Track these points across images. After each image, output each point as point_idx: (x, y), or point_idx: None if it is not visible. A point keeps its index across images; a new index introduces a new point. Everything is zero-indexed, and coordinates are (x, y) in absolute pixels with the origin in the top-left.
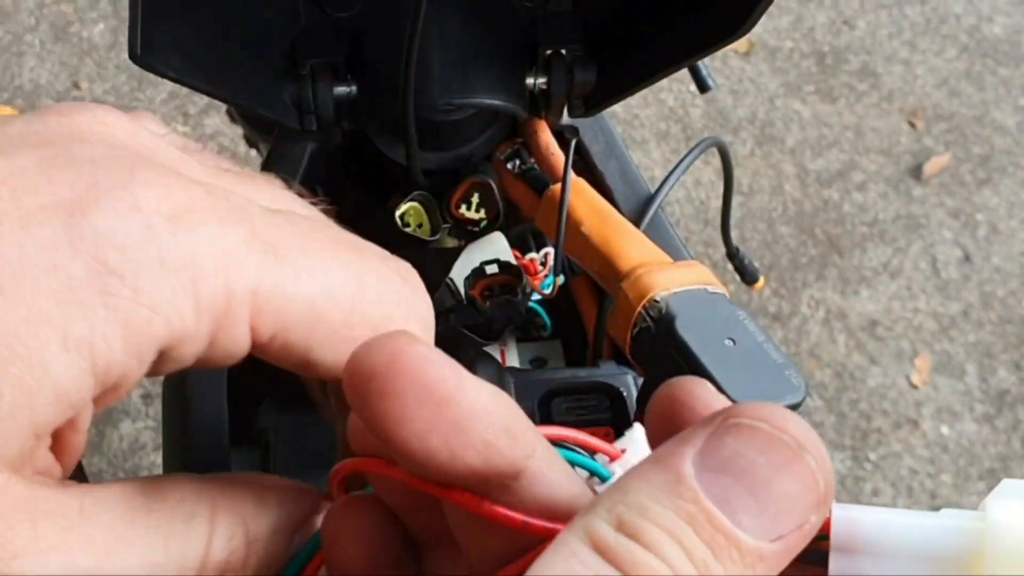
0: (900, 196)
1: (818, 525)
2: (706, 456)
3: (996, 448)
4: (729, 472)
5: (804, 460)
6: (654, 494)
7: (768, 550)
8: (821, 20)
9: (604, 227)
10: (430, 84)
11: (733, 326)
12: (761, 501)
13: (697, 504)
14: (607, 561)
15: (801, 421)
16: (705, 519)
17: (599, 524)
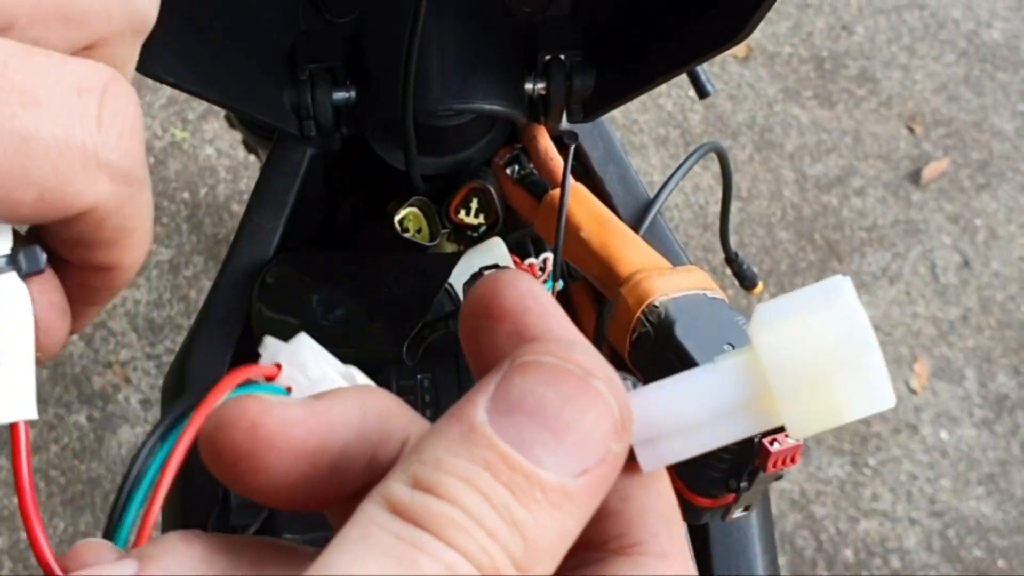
0: (899, 201)
1: (622, 454)
2: (498, 400)
3: (995, 453)
4: (521, 411)
5: (592, 386)
6: (449, 447)
7: (574, 486)
8: (820, 25)
9: (603, 232)
10: (429, 89)
11: (732, 331)
12: (557, 435)
13: (492, 449)
14: (406, 521)
15: (589, 348)
16: (501, 462)
17: (395, 486)
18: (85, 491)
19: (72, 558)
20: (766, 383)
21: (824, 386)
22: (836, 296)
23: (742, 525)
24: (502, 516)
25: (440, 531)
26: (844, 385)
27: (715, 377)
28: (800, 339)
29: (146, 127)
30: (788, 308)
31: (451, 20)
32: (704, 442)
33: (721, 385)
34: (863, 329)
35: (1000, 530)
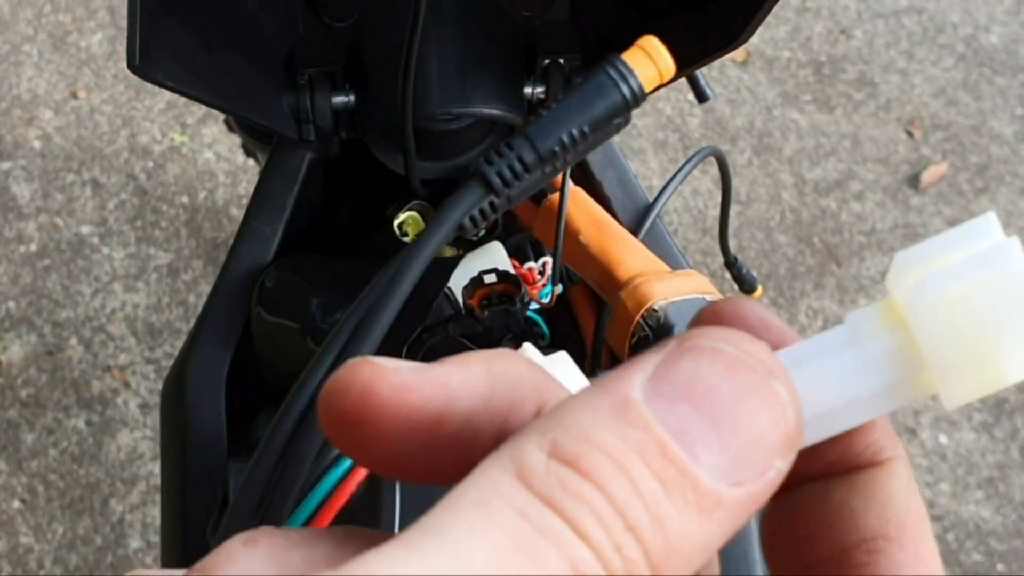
0: (898, 205)
1: (784, 472)
2: (660, 381)
3: (994, 457)
4: (686, 398)
5: (774, 388)
6: (598, 420)
7: (728, 496)
8: (818, 30)
9: (602, 236)
10: (428, 93)
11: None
12: (723, 436)
13: (648, 431)
14: (537, 496)
15: (771, 350)
16: (657, 449)
17: (530, 450)
18: (84, 495)
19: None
20: (921, 359)
21: (987, 354)
22: (997, 252)
23: (742, 529)
24: (649, 510)
25: (576, 519)
26: (1008, 349)
27: (862, 359)
28: (961, 307)
29: (145, 131)
30: (938, 265)
31: (450, 24)
32: (845, 424)
33: (870, 366)
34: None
35: (999, 534)
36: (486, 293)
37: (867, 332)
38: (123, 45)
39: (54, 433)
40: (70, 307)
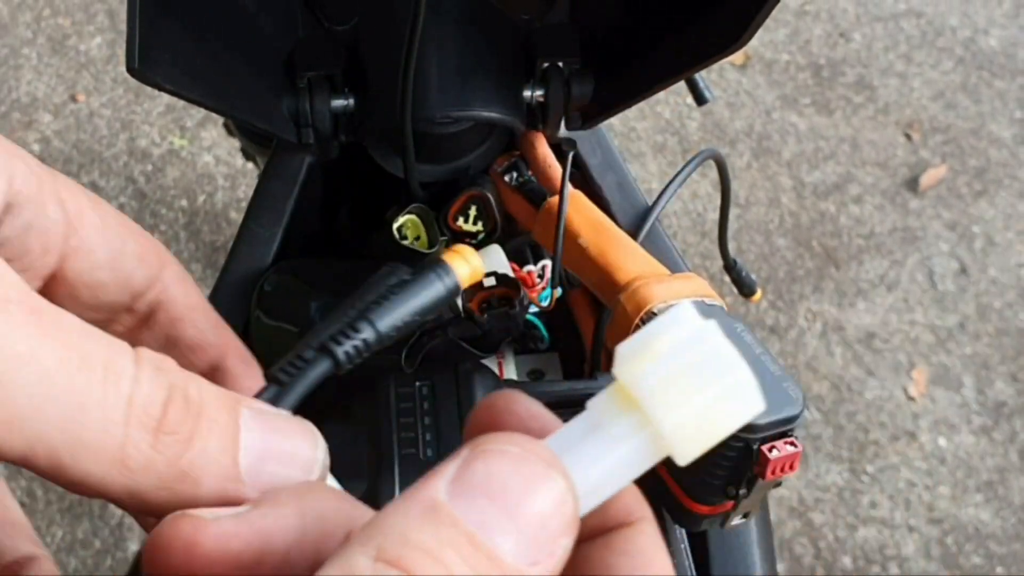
0: (896, 208)
1: (570, 547)
2: (460, 482)
3: (993, 460)
4: (484, 495)
5: (553, 478)
6: (412, 523)
7: (529, 573)
8: (817, 33)
9: (601, 239)
10: (428, 96)
11: (731, 338)
12: (518, 524)
13: (456, 527)
14: None
15: (548, 447)
16: (466, 541)
17: (357, 558)
18: (83, 499)
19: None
20: (654, 429)
21: (705, 416)
22: (697, 335)
23: (741, 532)
24: None
25: None
26: (720, 408)
27: (610, 439)
28: (677, 383)
29: (144, 135)
30: (653, 351)
31: (449, 27)
32: (608, 492)
33: (617, 444)
34: (719, 345)
35: (998, 537)
36: (486, 296)
37: (608, 416)
38: (122, 48)
39: None
40: None
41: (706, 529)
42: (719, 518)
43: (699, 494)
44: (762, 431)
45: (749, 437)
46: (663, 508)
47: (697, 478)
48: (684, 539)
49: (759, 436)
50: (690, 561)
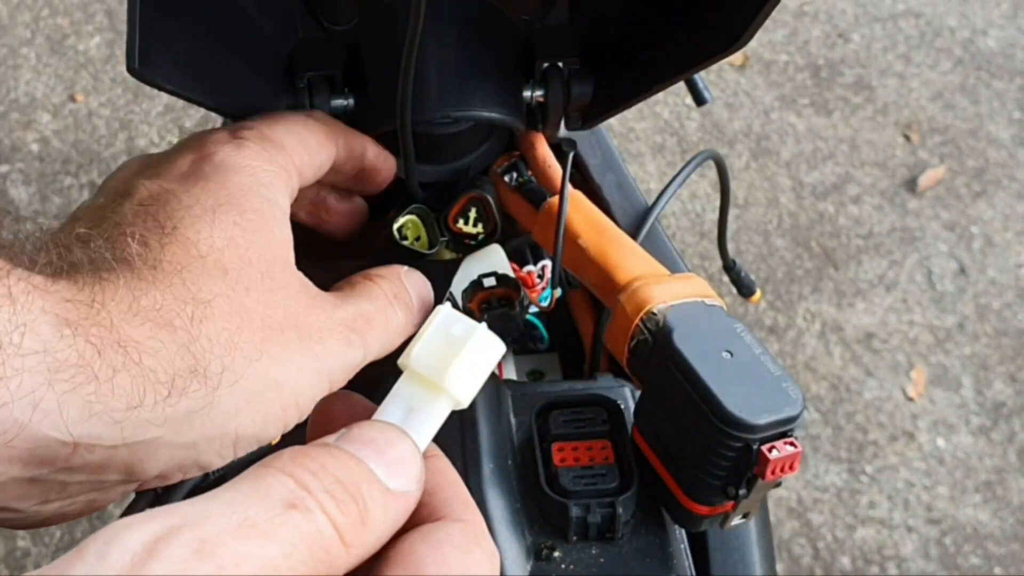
0: (895, 209)
1: (420, 485)
2: (342, 438)
3: (992, 460)
4: (360, 442)
5: (403, 436)
6: (310, 451)
7: (399, 495)
8: (816, 33)
9: (601, 240)
10: (427, 97)
11: (730, 338)
12: (385, 457)
13: (342, 454)
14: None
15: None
16: (352, 462)
17: (270, 477)
18: None
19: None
20: (440, 388)
21: (468, 364)
22: (434, 314)
23: (740, 533)
24: (357, 495)
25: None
26: (474, 354)
27: (422, 408)
28: (434, 354)
29: (143, 134)
30: (415, 339)
31: (449, 27)
32: (424, 445)
33: (426, 408)
34: (458, 319)
35: (997, 537)
36: (486, 297)
37: (412, 395)
38: (121, 48)
39: None
40: None
41: (706, 529)
42: (719, 518)
43: (699, 494)
44: (762, 431)
45: (749, 437)
46: (663, 508)
47: (697, 478)
48: (684, 539)
49: (759, 436)
50: (690, 561)
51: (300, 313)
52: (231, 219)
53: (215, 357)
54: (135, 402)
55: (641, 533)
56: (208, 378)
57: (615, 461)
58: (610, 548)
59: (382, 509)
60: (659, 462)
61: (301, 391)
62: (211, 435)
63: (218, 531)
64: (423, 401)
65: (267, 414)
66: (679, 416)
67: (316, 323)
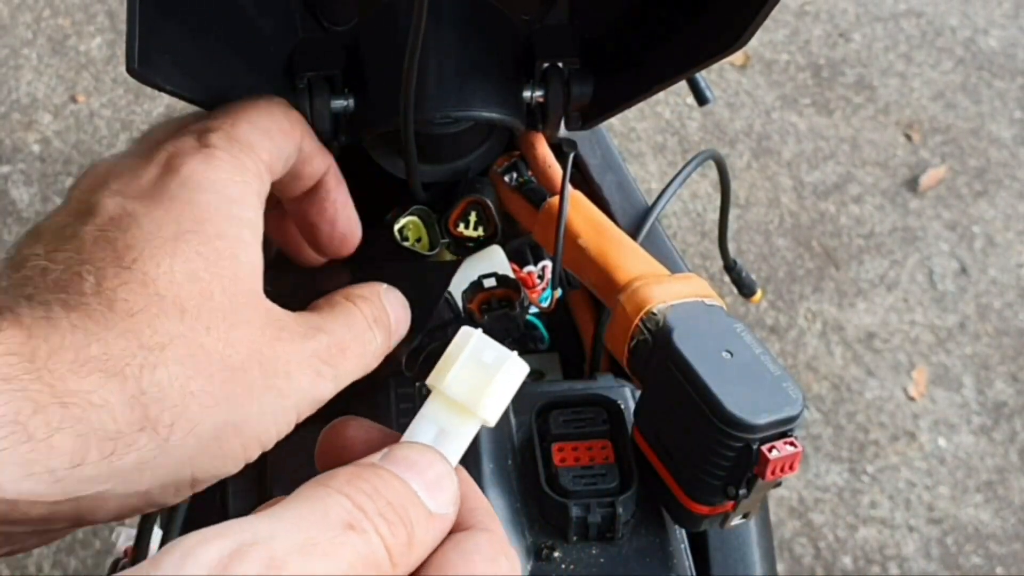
0: (896, 208)
1: (456, 506)
2: (385, 458)
3: (993, 460)
4: (403, 463)
5: (440, 458)
6: (359, 470)
7: (440, 517)
8: (817, 33)
9: (601, 240)
10: (427, 97)
11: (730, 338)
12: (425, 478)
13: (387, 474)
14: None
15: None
16: (397, 482)
17: (319, 489)
18: None
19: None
20: (468, 411)
21: (499, 389)
22: (465, 336)
23: (740, 532)
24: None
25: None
26: (504, 379)
27: (454, 428)
28: (468, 381)
29: None
30: (447, 362)
31: (450, 28)
32: (455, 462)
33: (458, 428)
34: (489, 345)
35: (998, 537)
36: (486, 297)
37: (443, 417)
38: (122, 49)
39: None
40: None
41: (706, 529)
42: (719, 518)
43: (699, 494)
44: (762, 431)
45: (749, 437)
46: (663, 508)
47: (697, 478)
48: (684, 539)
49: (759, 436)
50: (690, 561)
51: (265, 347)
52: (194, 249)
53: (166, 408)
54: (77, 460)
55: (641, 533)
56: (158, 430)
57: (615, 461)
58: (610, 548)
59: (425, 531)
60: (659, 462)
61: (264, 430)
62: (164, 482)
63: (285, 549)
64: (453, 423)
65: (225, 455)
66: (679, 416)
67: (283, 356)
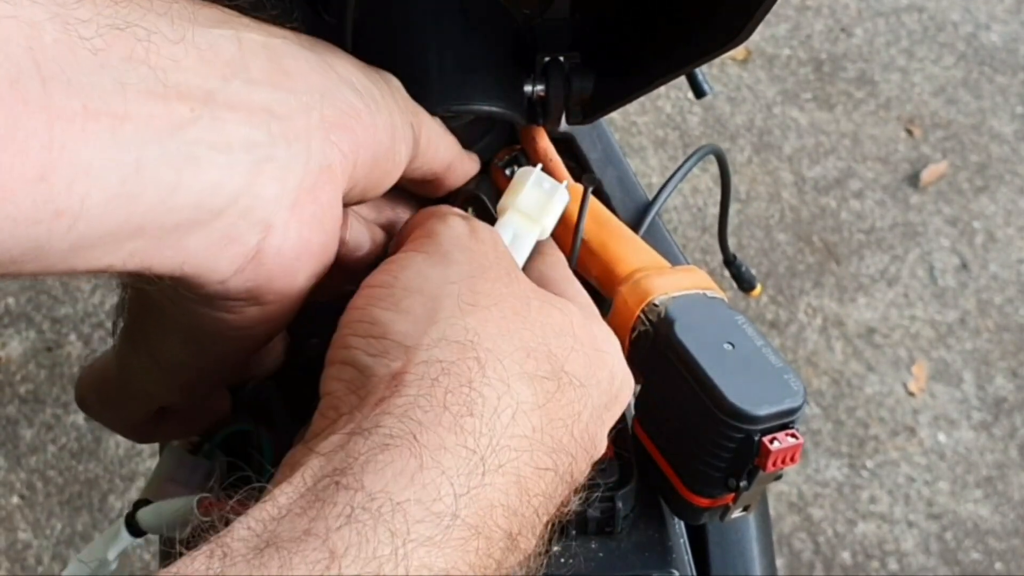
0: (897, 204)
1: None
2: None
3: (993, 456)
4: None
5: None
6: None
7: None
8: (819, 28)
9: (603, 232)
10: (428, 91)
11: (732, 330)
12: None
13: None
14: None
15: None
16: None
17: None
18: (83, 491)
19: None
20: (533, 219)
21: (551, 208)
22: (527, 174)
23: (740, 527)
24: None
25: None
26: (556, 205)
27: (524, 236)
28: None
29: None
30: (515, 190)
31: (450, 22)
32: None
33: (526, 235)
34: (538, 182)
35: (998, 533)
36: None
37: (517, 223)
38: None
39: (53, 429)
40: (69, 303)
41: (705, 523)
42: (719, 511)
43: (699, 486)
44: (763, 422)
45: (750, 428)
46: (663, 501)
47: (698, 470)
48: (683, 534)
49: (760, 427)
50: (689, 556)
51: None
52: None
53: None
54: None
55: (640, 528)
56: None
57: (614, 455)
58: (609, 542)
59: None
60: (660, 454)
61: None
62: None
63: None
64: (523, 229)
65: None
66: (680, 407)
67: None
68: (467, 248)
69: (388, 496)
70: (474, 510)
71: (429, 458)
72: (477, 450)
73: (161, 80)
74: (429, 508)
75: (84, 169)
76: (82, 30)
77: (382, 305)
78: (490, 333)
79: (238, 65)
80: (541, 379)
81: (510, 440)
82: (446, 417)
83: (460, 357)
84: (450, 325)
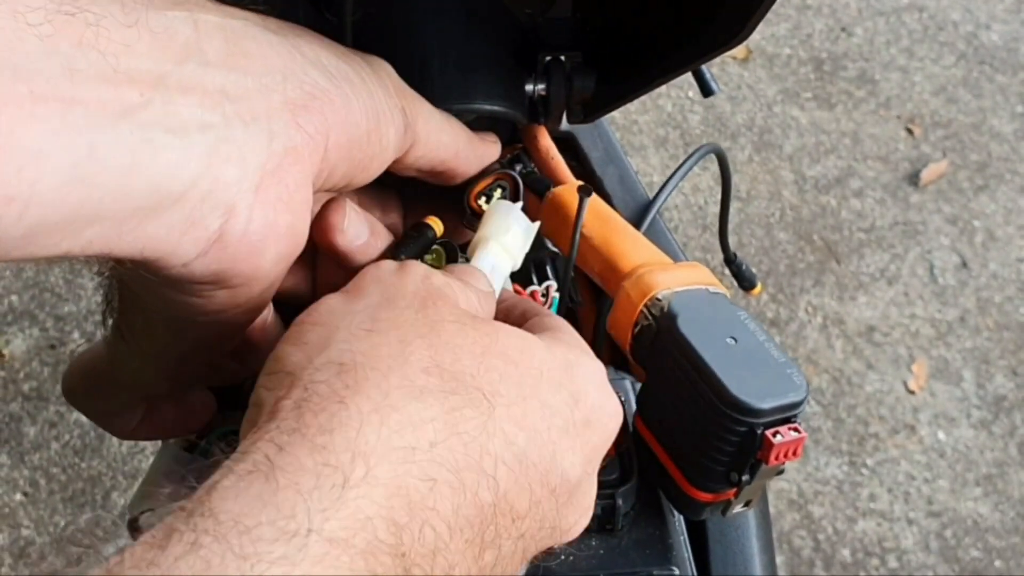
0: (897, 203)
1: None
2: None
3: (993, 454)
4: (463, 274)
5: (482, 274)
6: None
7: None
8: (819, 27)
9: (605, 229)
10: (430, 90)
11: (734, 325)
12: (475, 283)
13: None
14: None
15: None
16: (460, 282)
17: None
18: (86, 488)
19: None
20: (510, 253)
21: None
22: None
23: (740, 524)
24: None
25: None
26: (528, 239)
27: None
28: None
29: None
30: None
31: (452, 21)
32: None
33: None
34: (517, 218)
35: (997, 530)
36: None
37: (495, 256)
38: None
39: (56, 426)
40: (72, 301)
41: (707, 518)
42: (720, 506)
43: (701, 481)
44: (766, 416)
45: (753, 422)
46: (664, 496)
47: (700, 464)
48: (683, 531)
49: (763, 421)
50: (689, 553)
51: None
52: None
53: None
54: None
55: (641, 525)
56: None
57: (615, 453)
58: (610, 539)
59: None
60: (662, 449)
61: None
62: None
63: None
64: (501, 260)
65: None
66: (683, 402)
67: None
68: (382, 282)
69: (237, 521)
70: (339, 524)
71: (286, 480)
72: (339, 466)
73: (111, 65)
74: (282, 528)
75: (34, 154)
76: (30, 17)
77: (288, 341)
78: (380, 354)
79: (193, 47)
80: (440, 393)
81: (388, 452)
82: (303, 437)
83: (336, 376)
84: (338, 350)
